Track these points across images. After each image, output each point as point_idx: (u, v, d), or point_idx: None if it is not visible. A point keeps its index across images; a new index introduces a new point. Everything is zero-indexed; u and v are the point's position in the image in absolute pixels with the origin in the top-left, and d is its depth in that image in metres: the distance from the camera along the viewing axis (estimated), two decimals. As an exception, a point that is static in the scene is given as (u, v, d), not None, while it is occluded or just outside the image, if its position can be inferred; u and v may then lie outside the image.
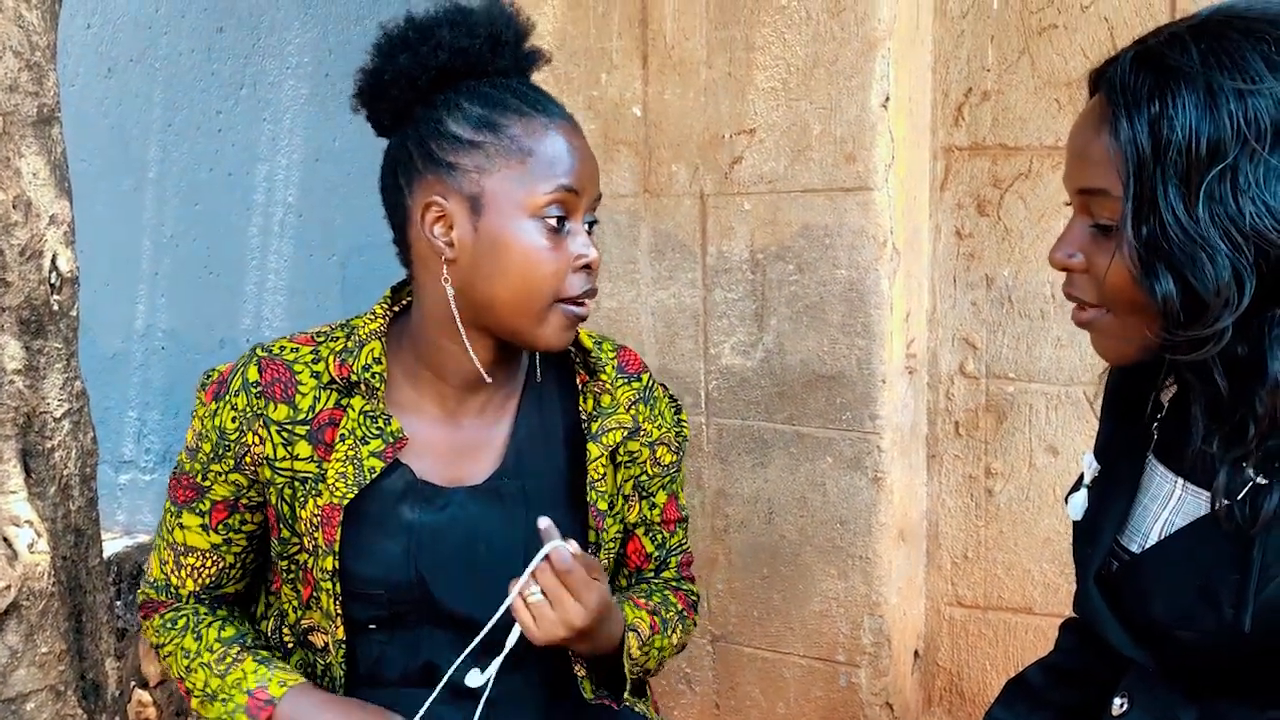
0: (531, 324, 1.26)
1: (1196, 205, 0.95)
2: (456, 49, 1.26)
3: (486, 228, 1.24)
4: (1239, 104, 0.95)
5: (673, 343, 2.17)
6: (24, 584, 1.37)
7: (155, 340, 3.33)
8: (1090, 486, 1.24)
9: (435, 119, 1.26)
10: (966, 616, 2.13)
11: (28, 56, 1.42)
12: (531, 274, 1.23)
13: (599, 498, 1.35)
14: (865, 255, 1.96)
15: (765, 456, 2.10)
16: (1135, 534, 1.15)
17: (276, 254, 3.12)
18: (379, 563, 1.29)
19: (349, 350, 1.31)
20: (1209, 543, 1.05)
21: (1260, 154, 0.94)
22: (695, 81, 2.07)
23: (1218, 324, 0.96)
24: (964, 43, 2.01)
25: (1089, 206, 1.05)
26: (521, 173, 1.23)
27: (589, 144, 1.31)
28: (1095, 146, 1.03)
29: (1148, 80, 0.99)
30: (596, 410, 1.37)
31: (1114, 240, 1.02)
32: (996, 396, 2.06)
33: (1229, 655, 1.05)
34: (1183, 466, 1.12)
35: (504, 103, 1.26)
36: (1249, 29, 0.98)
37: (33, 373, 1.43)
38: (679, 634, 1.44)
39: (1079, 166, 1.05)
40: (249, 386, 1.30)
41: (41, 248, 1.43)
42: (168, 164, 3.25)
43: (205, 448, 1.32)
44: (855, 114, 1.94)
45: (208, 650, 1.34)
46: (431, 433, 1.33)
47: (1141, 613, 1.11)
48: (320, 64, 3.00)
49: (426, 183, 1.26)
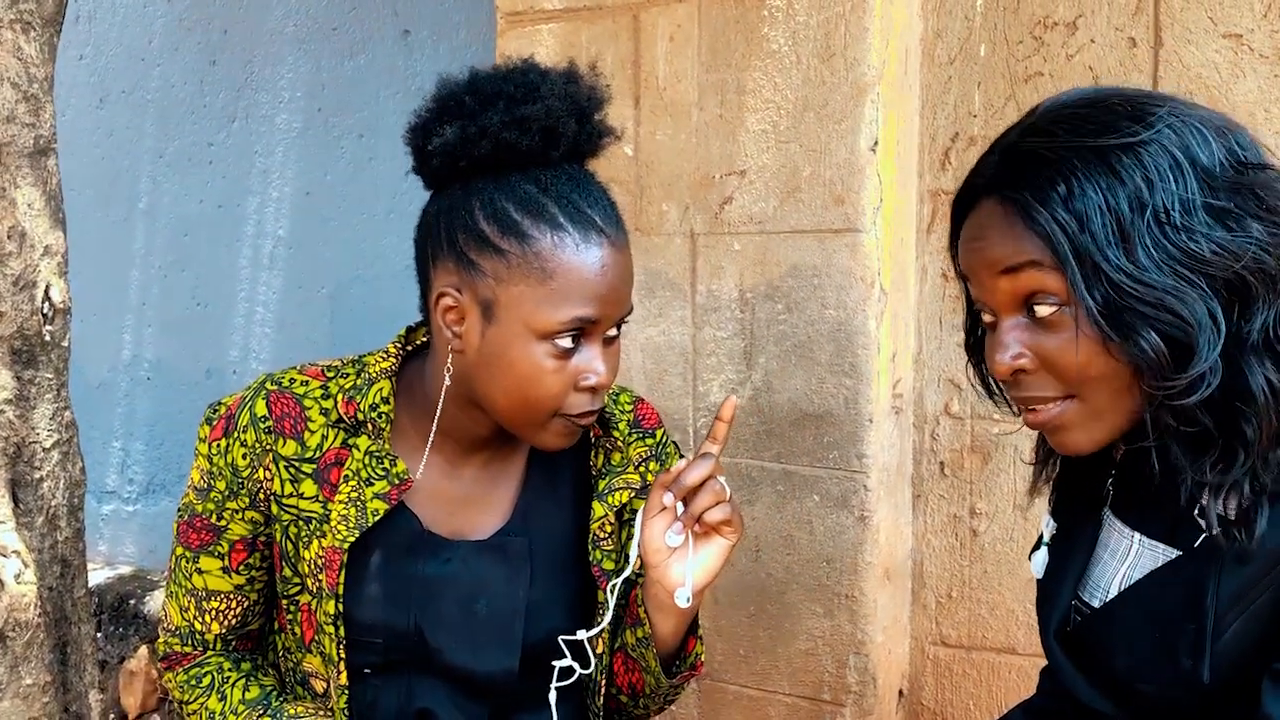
0: (529, 430, 1.23)
1: (1139, 256, 0.96)
2: (503, 142, 1.17)
3: (494, 337, 1.18)
4: (1130, 157, 0.97)
5: (661, 380, 2.18)
6: (10, 615, 1.37)
7: (141, 371, 3.32)
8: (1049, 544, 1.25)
9: (468, 208, 1.19)
10: (951, 656, 2.14)
11: (25, 88, 1.43)
12: (530, 393, 1.19)
13: (604, 557, 1.32)
14: (853, 296, 1.98)
15: (752, 494, 2.11)
16: (1096, 589, 1.16)
17: (266, 286, 3.12)
18: (377, 610, 1.27)
19: (358, 388, 1.28)
20: (1165, 595, 1.06)
21: (1172, 190, 0.96)
22: (686, 123, 2.09)
23: (1210, 357, 0.96)
24: (951, 88, 2.04)
25: (1019, 297, 1.03)
26: (540, 294, 1.16)
27: (629, 260, 1.23)
28: (1010, 233, 1.02)
29: (1038, 169, 1.00)
30: (606, 468, 1.34)
31: (1061, 324, 1.00)
32: (981, 437, 2.07)
33: (1188, 705, 1.05)
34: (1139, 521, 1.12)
35: (541, 210, 1.17)
36: (1091, 102, 1.03)
37: (23, 403, 1.43)
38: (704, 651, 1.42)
39: (1001, 248, 1.03)
40: (257, 422, 1.28)
41: (35, 278, 1.43)
42: (158, 195, 3.26)
43: (220, 486, 1.29)
44: (844, 157, 1.96)
45: (232, 713, 1.31)
46: (436, 481, 1.31)
47: (1104, 666, 1.12)
48: (313, 98, 3.01)
49: (447, 269, 1.20)
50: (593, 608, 1.33)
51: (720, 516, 1.19)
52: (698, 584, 1.22)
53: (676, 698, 1.40)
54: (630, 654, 1.34)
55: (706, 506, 1.18)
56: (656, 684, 1.32)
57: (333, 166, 2.98)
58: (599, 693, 1.34)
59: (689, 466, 1.18)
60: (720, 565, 1.23)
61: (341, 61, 2.95)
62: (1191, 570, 1.04)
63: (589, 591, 1.32)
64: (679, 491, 1.18)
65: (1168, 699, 1.06)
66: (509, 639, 1.29)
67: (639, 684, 1.35)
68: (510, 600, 1.29)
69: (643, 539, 1.22)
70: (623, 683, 1.37)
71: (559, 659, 1.29)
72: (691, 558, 1.21)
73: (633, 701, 1.38)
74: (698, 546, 1.22)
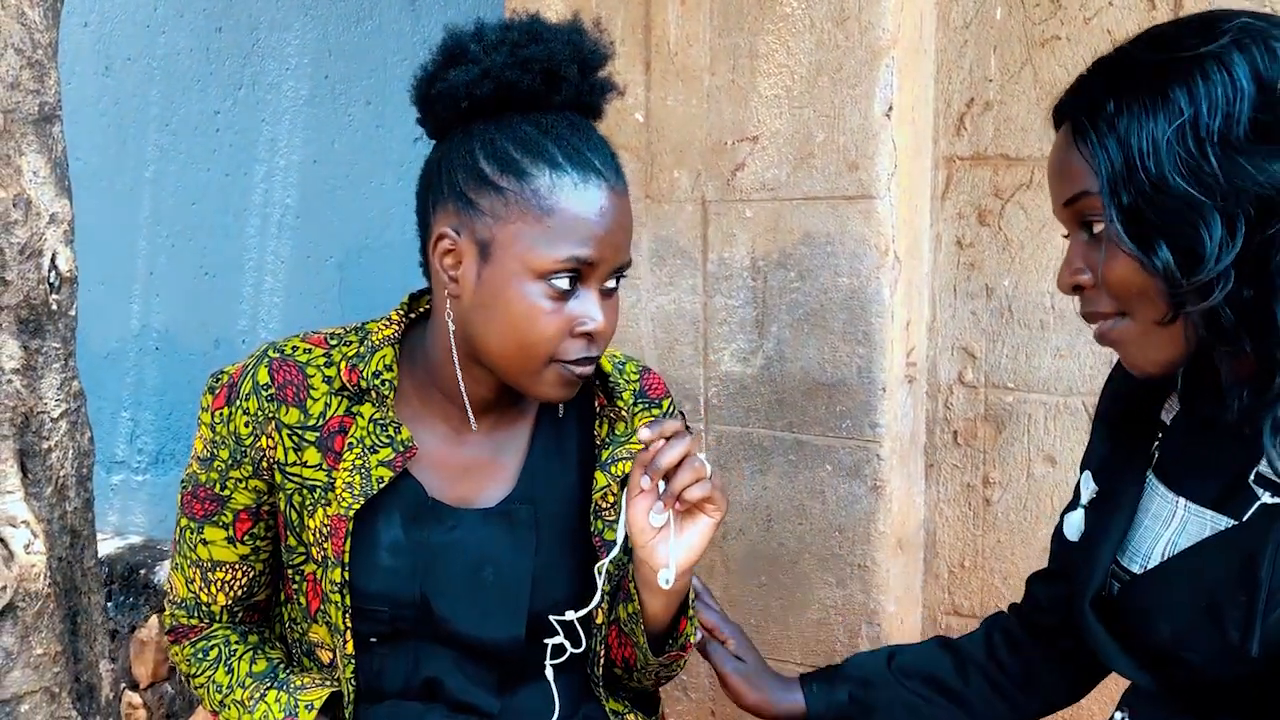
0: (525, 379, 1.21)
1: (1166, 170, 0.99)
2: (504, 81, 1.18)
3: (490, 277, 1.18)
4: (1182, 73, 1.00)
5: (672, 349, 2.16)
6: (20, 585, 1.36)
7: (150, 340, 3.31)
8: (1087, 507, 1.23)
9: (469, 148, 1.19)
10: (963, 625, 2.13)
11: (29, 54, 1.41)
12: (526, 334, 1.18)
13: (605, 527, 1.31)
14: (867, 263, 1.96)
15: (764, 464, 2.10)
16: (1136, 555, 1.14)
17: (274, 255, 3.10)
18: (383, 579, 1.26)
19: (361, 355, 1.27)
20: (1215, 563, 1.05)
21: (1218, 105, 0.98)
22: (698, 88, 2.07)
23: (1218, 265, 0.97)
24: (967, 53, 2.01)
25: (1077, 219, 1.08)
26: (537, 231, 1.16)
27: (628, 206, 1.23)
28: (1070, 161, 1.08)
29: (1095, 91, 1.06)
30: (610, 437, 1.34)
31: (1108, 241, 1.04)
32: (995, 406, 2.05)
33: (1233, 677, 1.04)
34: (1186, 487, 1.11)
35: (540, 149, 1.18)
36: (1174, 21, 1.08)
37: (30, 372, 1.42)
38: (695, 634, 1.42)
39: (1061, 184, 1.10)
40: (260, 390, 1.27)
41: (41, 247, 1.41)
42: (165, 163, 3.24)
43: (223, 454, 1.28)
44: (858, 122, 1.94)
45: (239, 686, 1.31)
46: (439, 449, 1.30)
47: (1144, 634, 1.10)
48: (320, 65, 2.99)
49: (446, 211, 1.21)
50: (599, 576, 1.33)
51: (700, 494, 1.18)
52: (681, 565, 1.21)
53: (672, 674, 1.40)
54: (623, 629, 1.34)
55: (686, 485, 1.17)
56: (645, 660, 1.32)
57: (340, 134, 2.96)
58: (598, 663, 1.34)
59: (664, 447, 1.17)
60: (704, 544, 1.22)
61: (349, 28, 2.92)
62: (1245, 540, 1.02)
63: (595, 561, 1.32)
64: (654, 474, 1.17)
65: (1211, 671, 1.05)
66: (516, 607, 1.29)
67: (631, 658, 1.35)
68: (516, 568, 1.29)
69: (628, 519, 1.22)
70: (616, 656, 1.37)
71: (552, 636, 1.29)
72: (674, 539, 1.20)
73: (626, 675, 1.38)
74: (681, 525, 1.21)
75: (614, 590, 1.34)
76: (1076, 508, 1.24)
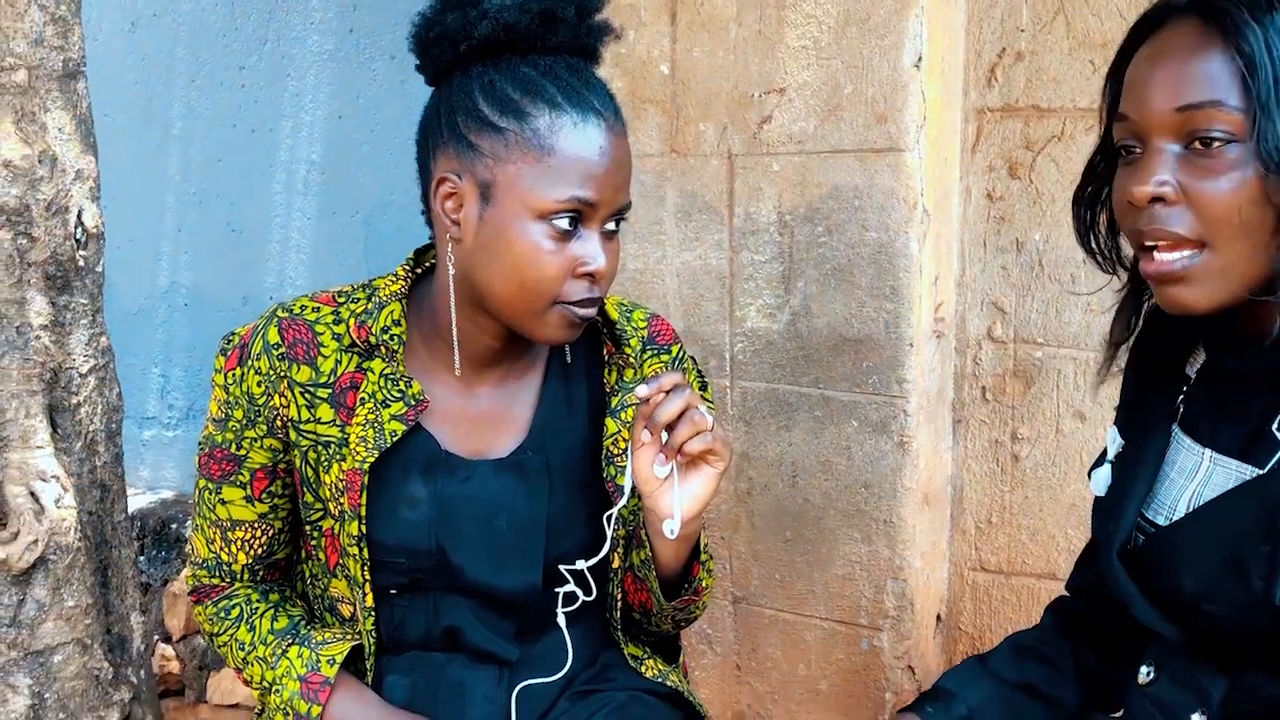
0: (528, 321, 1.22)
1: None
2: (502, 22, 1.19)
3: (492, 218, 1.19)
4: None
5: (698, 305, 2.15)
6: (51, 538, 1.38)
7: (179, 297, 3.33)
8: (1114, 461, 1.22)
9: (468, 91, 1.21)
10: (990, 581, 2.12)
11: (53, 10, 1.41)
12: (528, 275, 1.18)
13: (619, 472, 1.32)
14: (895, 217, 1.94)
15: (790, 420, 2.09)
16: (1161, 507, 1.13)
17: (300, 212, 3.11)
18: (399, 531, 1.28)
19: (369, 312, 1.29)
20: (1240, 514, 1.04)
21: None
22: (724, 39, 2.04)
23: None
24: (998, 2, 1.97)
25: (1185, 130, 0.99)
26: (538, 171, 1.17)
27: (627, 147, 1.23)
28: (1201, 64, 0.98)
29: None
30: (619, 384, 1.35)
31: (1222, 161, 0.97)
32: (1024, 361, 2.04)
33: (1258, 628, 1.03)
34: (1211, 437, 1.10)
35: (539, 89, 1.19)
36: None
37: (59, 328, 1.43)
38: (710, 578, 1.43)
39: (1180, 86, 0.99)
40: (270, 349, 1.28)
41: (67, 203, 1.42)
42: (191, 120, 3.24)
43: (237, 414, 1.30)
44: (887, 73, 1.91)
45: (262, 643, 1.33)
46: (450, 401, 1.32)
47: (1169, 586, 1.10)
48: (344, 19, 2.97)
49: (447, 155, 1.22)
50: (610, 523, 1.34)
51: (700, 447, 1.19)
52: (686, 514, 1.22)
53: (690, 618, 1.41)
54: (636, 574, 1.35)
55: (686, 437, 1.18)
56: (660, 605, 1.34)
57: (365, 89, 2.95)
58: (616, 608, 1.36)
59: (664, 401, 1.18)
60: (709, 494, 1.23)
61: (372, -19, 2.91)
62: (1269, 489, 1.01)
63: (608, 507, 1.33)
64: (654, 427, 1.18)
65: (1235, 621, 1.04)
66: (531, 555, 1.30)
67: (648, 603, 1.37)
68: (531, 517, 1.30)
69: (633, 469, 1.23)
70: (633, 600, 1.39)
71: (563, 585, 1.31)
72: (678, 489, 1.21)
73: (645, 619, 1.40)
74: (685, 476, 1.22)
75: (628, 537, 1.36)
76: (1104, 463, 1.23)
